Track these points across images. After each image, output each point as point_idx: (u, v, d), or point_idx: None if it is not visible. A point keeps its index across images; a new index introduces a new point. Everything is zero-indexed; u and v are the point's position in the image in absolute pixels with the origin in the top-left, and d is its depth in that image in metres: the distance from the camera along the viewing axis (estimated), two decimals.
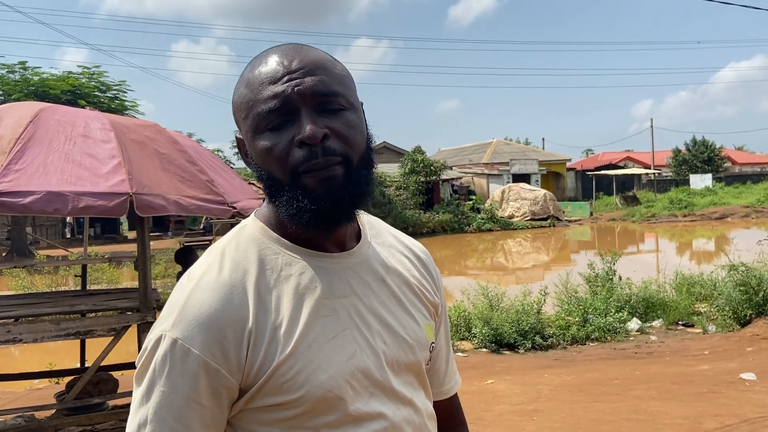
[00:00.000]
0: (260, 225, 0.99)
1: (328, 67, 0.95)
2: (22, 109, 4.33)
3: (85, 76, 21.92)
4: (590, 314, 8.28)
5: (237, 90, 0.97)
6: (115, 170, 3.87)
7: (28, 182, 3.64)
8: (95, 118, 4.34)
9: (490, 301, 8.57)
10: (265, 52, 0.97)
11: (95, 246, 20.70)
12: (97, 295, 5.05)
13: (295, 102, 0.90)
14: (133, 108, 22.89)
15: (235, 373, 0.88)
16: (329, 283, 0.96)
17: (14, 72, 21.07)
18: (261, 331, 0.89)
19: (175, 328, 0.88)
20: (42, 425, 4.39)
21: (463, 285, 10.05)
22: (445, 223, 26.35)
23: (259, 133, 0.92)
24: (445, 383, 1.18)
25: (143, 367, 0.90)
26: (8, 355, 8.75)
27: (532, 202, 28.55)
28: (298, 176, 0.90)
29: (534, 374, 6.40)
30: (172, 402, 0.87)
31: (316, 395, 0.89)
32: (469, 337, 7.92)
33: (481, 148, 38.41)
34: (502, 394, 5.63)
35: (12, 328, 3.92)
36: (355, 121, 0.95)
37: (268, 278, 0.93)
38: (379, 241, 1.08)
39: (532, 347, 7.64)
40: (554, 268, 16.12)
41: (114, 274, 13.90)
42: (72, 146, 3.97)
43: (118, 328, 4.18)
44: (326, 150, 0.90)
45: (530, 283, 10.19)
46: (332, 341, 0.92)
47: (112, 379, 4.99)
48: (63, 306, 4.50)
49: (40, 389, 6.38)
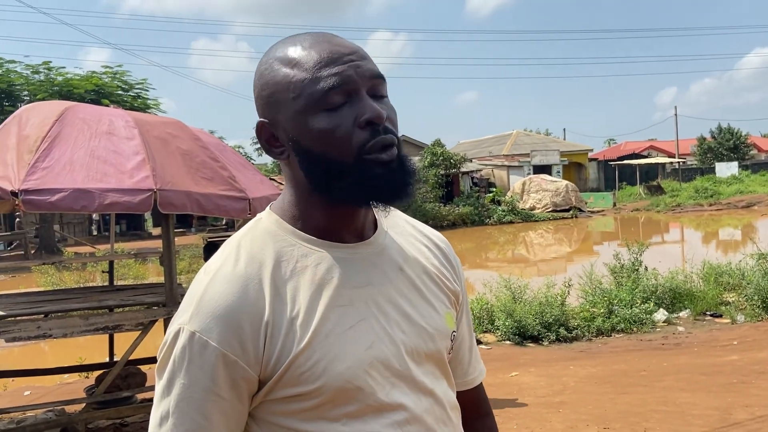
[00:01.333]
0: (275, 218, 0.99)
1: (368, 56, 0.96)
2: (48, 108, 4.39)
3: (108, 75, 22.20)
4: (615, 305, 8.18)
5: (276, 70, 0.93)
6: (140, 167, 3.91)
7: (55, 180, 3.70)
8: (119, 115, 4.38)
9: (513, 294, 8.51)
10: (299, 36, 0.95)
11: (121, 242, 21.00)
12: (124, 291, 5.12)
13: (357, 82, 0.90)
14: (155, 106, 23.13)
15: (253, 365, 0.88)
16: (346, 273, 0.95)
17: (39, 72, 21.41)
18: (278, 322, 0.89)
19: (192, 321, 0.88)
20: (72, 419, 4.47)
21: (485, 277, 10.00)
22: (465, 215, 26.22)
23: (313, 114, 0.90)
24: (469, 373, 1.17)
25: (163, 361, 0.91)
26: (39, 350, 8.92)
27: (554, 193, 28.28)
28: (363, 157, 0.90)
29: (559, 366, 6.35)
30: (193, 394, 0.87)
31: (334, 386, 0.89)
32: (492, 330, 7.88)
33: (501, 139, 38.14)
34: (527, 387, 5.60)
35: (42, 324, 3.99)
36: (393, 108, 0.97)
37: (284, 270, 0.93)
38: (396, 230, 1.07)
39: (557, 339, 7.58)
40: (577, 259, 15.97)
41: (140, 269, 14.09)
42: (97, 143, 4.02)
43: (146, 322, 4.23)
44: (387, 130, 0.91)
45: (553, 275, 10.10)
46: (350, 331, 0.92)
47: (140, 373, 5.06)
48: (91, 301, 4.57)
49: (70, 383, 6.49)
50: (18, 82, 20.72)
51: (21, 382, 6.50)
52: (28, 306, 4.31)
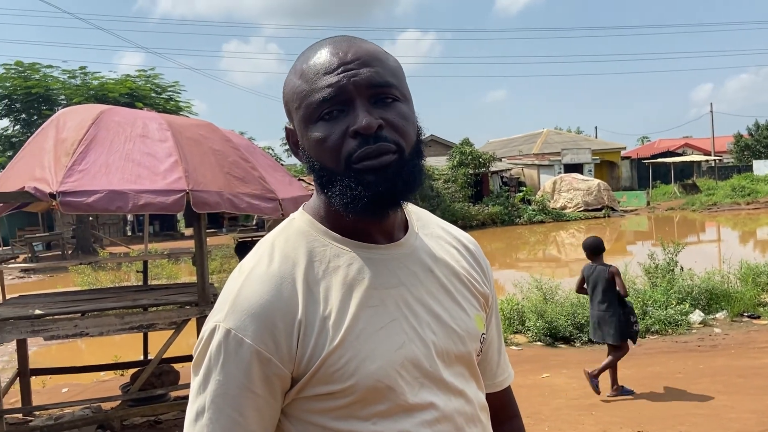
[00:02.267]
0: (308, 218, 1.01)
1: (381, 59, 0.95)
2: (84, 112, 4.49)
3: (141, 78, 22.61)
4: (650, 306, 8.03)
5: (289, 81, 0.98)
6: (173, 168, 3.98)
7: (91, 182, 3.78)
8: (153, 118, 4.46)
9: (544, 294, 8.42)
10: (317, 43, 0.98)
11: (154, 243, 21.37)
12: (157, 290, 5.21)
13: (350, 92, 0.91)
14: (187, 108, 23.47)
15: (287, 363, 0.90)
16: (377, 273, 0.96)
17: (75, 77, 21.91)
18: (310, 321, 0.90)
19: (228, 318, 0.90)
20: (108, 416, 4.57)
21: (515, 278, 9.91)
22: (495, 215, 26.01)
23: (312, 123, 0.93)
24: (498, 375, 1.17)
25: (199, 358, 0.92)
26: (75, 348, 9.13)
27: (586, 192, 27.87)
28: (351, 166, 0.90)
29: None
30: (228, 390, 0.89)
31: (366, 384, 0.90)
32: (522, 331, 7.81)
33: (531, 138, 37.75)
34: (559, 388, 5.53)
35: (79, 323, 4.08)
36: (407, 112, 0.95)
37: (317, 270, 0.94)
38: (426, 232, 1.07)
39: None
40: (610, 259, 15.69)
41: (173, 269, 14.31)
42: (132, 146, 4.10)
43: (179, 321, 4.30)
44: (379, 138, 0.90)
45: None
46: (381, 331, 0.93)
47: (173, 371, 5.14)
48: (126, 301, 4.66)
49: (106, 381, 6.63)
50: (55, 87, 21.23)
51: (59, 380, 6.66)
52: (65, 305, 4.41)
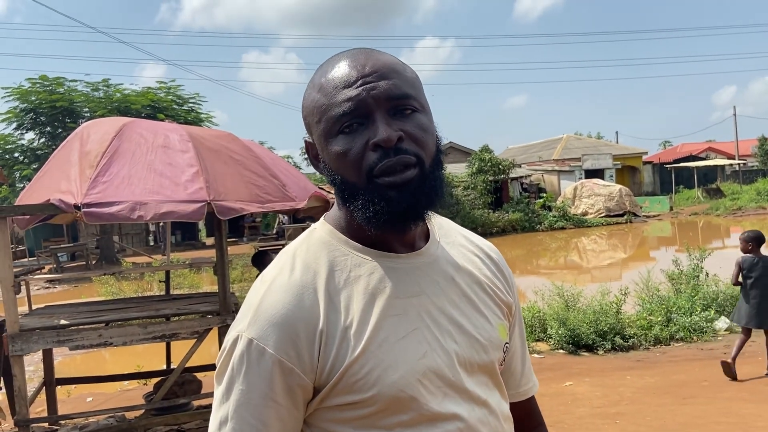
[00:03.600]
0: (329, 228, 1.01)
1: (399, 71, 0.95)
2: (107, 124, 4.57)
3: (162, 90, 22.91)
4: (674, 313, 7.91)
5: (308, 95, 0.98)
6: (194, 178, 4.03)
7: (114, 193, 3.84)
8: (174, 130, 4.52)
9: (566, 301, 8.34)
10: (335, 57, 0.98)
11: (176, 252, 21.58)
12: (179, 300, 5.26)
13: (370, 105, 0.91)
14: (208, 119, 23.72)
15: (309, 372, 0.90)
16: (398, 283, 0.96)
17: (98, 90, 22.27)
18: (332, 331, 0.91)
19: (250, 328, 0.91)
20: (132, 425, 4.61)
21: (536, 285, 9.83)
22: (515, 222, 25.85)
23: (333, 136, 0.93)
24: (522, 384, 1.16)
25: (222, 367, 0.93)
26: (100, 358, 9.24)
27: (607, 198, 27.58)
28: (373, 179, 0.91)
29: (615, 376, 6.18)
30: (251, 400, 0.89)
31: (388, 394, 0.90)
32: (544, 338, 7.74)
33: (551, 144, 37.51)
34: (582, 397, 5.47)
35: (103, 332, 4.14)
36: (426, 123, 0.95)
37: (338, 279, 0.94)
38: (448, 240, 1.07)
39: (612, 348, 7.38)
40: (632, 265, 15.51)
41: (195, 279, 14.44)
42: (153, 157, 4.15)
43: (201, 330, 4.33)
44: (399, 151, 0.90)
45: (607, 282, 9.84)
46: (402, 341, 0.92)
47: (196, 380, 5.18)
48: (149, 310, 4.71)
49: (130, 390, 6.70)
50: (79, 100, 21.60)
51: (83, 389, 6.75)
52: (89, 315, 4.47)
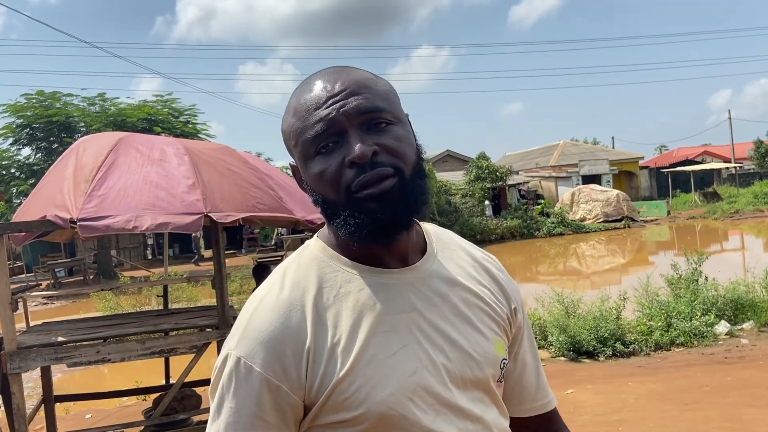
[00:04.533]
0: (321, 244, 1.01)
1: (370, 85, 0.95)
2: (103, 139, 4.57)
3: (158, 103, 22.94)
4: (674, 318, 7.90)
5: (285, 119, 0.98)
6: (190, 191, 4.01)
7: (110, 206, 3.83)
8: (170, 143, 4.52)
9: (566, 308, 8.32)
10: (307, 79, 0.99)
11: (174, 266, 21.52)
12: (178, 314, 5.23)
13: (341, 123, 0.91)
14: (204, 131, 23.74)
15: (297, 390, 0.89)
16: (389, 298, 0.95)
17: (94, 104, 22.28)
18: (320, 348, 0.90)
19: (239, 346, 0.91)
20: None
21: (536, 291, 9.82)
22: (513, 229, 25.88)
23: (311, 158, 0.94)
24: (538, 398, 1.14)
25: (214, 385, 0.94)
26: (98, 374, 9.18)
27: (605, 203, 27.64)
28: (352, 195, 0.90)
29: (617, 382, 6.15)
30: (239, 418, 0.89)
31: (376, 412, 0.88)
32: (545, 346, 7.72)
33: (548, 150, 37.61)
34: (584, 404, 5.44)
35: (101, 349, 4.10)
36: (402, 134, 0.95)
37: (327, 296, 0.94)
38: (446, 254, 1.06)
39: (613, 354, 7.35)
40: (632, 270, 15.52)
41: (193, 292, 14.39)
42: (149, 170, 4.14)
43: (199, 345, 4.30)
44: (376, 165, 0.90)
45: (607, 287, 9.83)
46: (392, 357, 0.91)
47: (195, 395, 5.14)
48: (147, 325, 4.68)
49: (129, 406, 6.65)
50: (75, 115, 21.61)
51: (82, 406, 6.70)
52: (87, 331, 4.44)
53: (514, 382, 1.09)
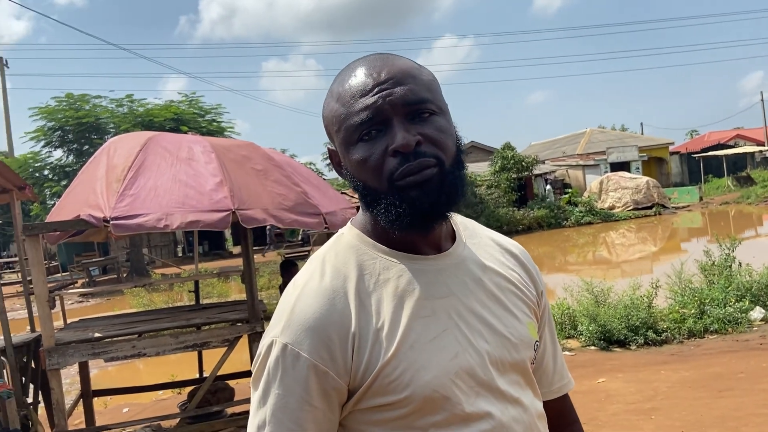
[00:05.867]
0: (356, 232, 1.02)
1: (415, 75, 0.96)
2: (133, 139, 4.66)
3: (184, 103, 23.23)
4: (707, 305, 7.77)
5: (327, 104, 0.99)
6: (218, 188, 4.08)
7: (141, 205, 3.91)
8: (197, 142, 4.59)
9: (596, 297, 8.24)
10: (351, 64, 0.99)
11: (204, 262, 21.85)
12: (209, 309, 5.32)
13: (387, 112, 0.92)
14: (229, 129, 23.97)
15: (343, 375, 0.91)
16: (427, 284, 0.96)
17: (122, 105, 22.66)
18: (364, 334, 0.92)
19: (284, 333, 0.92)
20: None
21: (565, 281, 9.73)
22: (541, 219, 25.64)
23: (353, 144, 0.95)
24: (555, 382, 1.15)
25: (258, 372, 0.95)
26: (135, 369, 9.39)
27: (634, 190, 27.19)
28: (394, 183, 0.92)
29: (649, 371, 6.09)
30: (287, 404, 0.91)
31: (422, 395, 0.90)
32: (575, 335, 7.66)
33: (575, 138, 37.13)
34: (616, 393, 5.39)
35: (136, 343, 4.21)
36: (444, 125, 0.96)
37: (367, 283, 0.96)
38: (474, 241, 1.08)
39: (645, 343, 7.27)
40: (663, 258, 15.28)
41: (223, 287, 14.61)
42: (178, 169, 4.22)
43: (231, 338, 4.38)
44: (418, 154, 0.91)
45: (638, 276, 9.70)
46: (434, 342, 0.93)
47: (228, 388, 5.23)
48: (180, 320, 4.78)
49: (165, 400, 6.79)
50: (104, 116, 22.01)
51: (119, 400, 6.86)
52: (122, 327, 4.55)
53: (536, 367, 1.10)
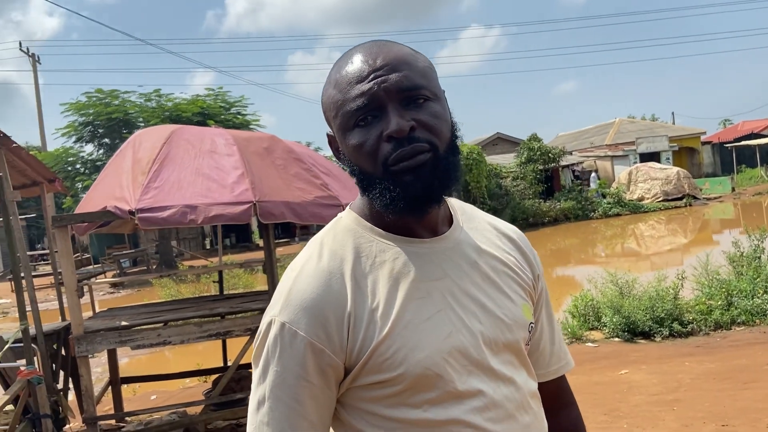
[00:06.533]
0: (354, 216, 1.05)
1: (410, 62, 0.98)
2: (157, 132, 4.76)
3: (210, 97, 23.52)
4: (735, 297, 7.64)
5: (325, 91, 1.02)
6: (240, 181, 4.16)
7: (165, 197, 4.01)
8: (219, 134, 4.67)
9: (620, 289, 8.16)
10: (349, 51, 1.02)
11: (231, 254, 22.11)
12: (233, 299, 5.42)
13: (381, 98, 0.94)
14: (254, 122, 24.20)
15: (339, 353, 0.95)
16: (422, 266, 0.99)
17: (151, 100, 23.06)
18: (359, 313, 0.95)
19: (282, 313, 0.96)
20: (193, 420, 4.80)
21: (591, 273, 9.65)
22: (567, 210, 25.38)
23: (349, 130, 0.98)
24: (552, 364, 1.17)
25: (258, 350, 0.99)
26: (163, 357, 9.60)
27: (664, 181, 26.71)
28: (388, 168, 0.95)
29: (673, 363, 6.03)
30: (285, 380, 0.95)
31: (415, 373, 0.94)
32: (599, 327, 7.61)
33: (603, 129, 36.59)
34: (638, 384, 5.36)
35: (162, 332, 4.32)
36: (439, 111, 0.98)
37: (364, 265, 0.99)
38: (471, 225, 1.10)
39: (670, 335, 7.18)
40: (694, 250, 15.01)
41: (248, 279, 14.79)
42: (201, 162, 4.31)
43: (253, 328, 4.46)
44: (413, 140, 0.94)
45: (667, 268, 9.57)
46: (427, 322, 0.96)
47: (251, 376, 5.33)
48: (204, 310, 4.88)
49: (191, 387, 6.94)
50: (133, 111, 22.42)
51: (148, 387, 7.03)
52: (149, 316, 4.67)
53: (532, 349, 1.13)
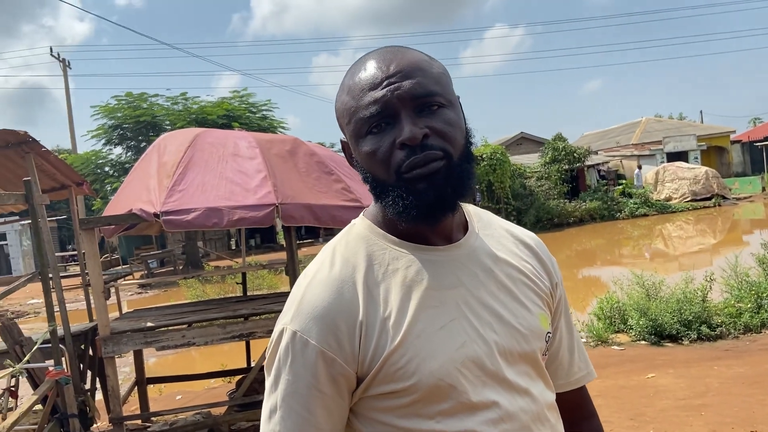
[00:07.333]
0: (368, 223, 1.04)
1: (424, 68, 0.97)
2: (182, 136, 4.83)
3: (236, 99, 23.73)
4: (765, 299, 7.48)
5: (339, 97, 1.01)
6: (262, 184, 4.19)
7: (189, 200, 4.06)
8: (242, 137, 4.72)
9: (647, 291, 8.04)
10: (362, 58, 1.01)
11: (256, 255, 22.31)
12: (256, 300, 5.47)
13: (395, 106, 0.93)
14: (280, 125, 24.34)
15: (351, 362, 0.93)
16: (436, 275, 0.98)
17: (177, 103, 23.34)
18: (371, 322, 0.94)
19: (294, 321, 0.95)
20: (217, 420, 4.85)
21: (617, 275, 9.52)
22: (593, 211, 25.07)
23: (362, 137, 0.97)
24: (572, 374, 1.14)
25: (270, 359, 0.99)
26: (189, 357, 9.71)
27: (692, 181, 26.25)
28: (401, 176, 0.93)
29: (701, 367, 5.92)
30: (297, 390, 0.94)
31: (428, 383, 0.92)
32: (625, 330, 7.50)
33: (629, 128, 36.10)
34: (665, 389, 5.27)
35: (186, 333, 4.37)
36: (453, 118, 0.97)
37: (376, 273, 0.97)
38: (487, 232, 1.08)
39: (698, 338, 7.05)
40: (723, 251, 14.72)
41: (273, 280, 14.88)
42: (224, 165, 4.36)
43: None
44: (426, 147, 0.93)
45: (695, 270, 9.40)
46: (441, 331, 0.94)
47: None
48: (228, 311, 4.93)
49: (216, 388, 7.02)
50: (160, 114, 22.73)
51: (173, 388, 7.12)
52: (173, 317, 4.73)
53: (550, 359, 1.10)
